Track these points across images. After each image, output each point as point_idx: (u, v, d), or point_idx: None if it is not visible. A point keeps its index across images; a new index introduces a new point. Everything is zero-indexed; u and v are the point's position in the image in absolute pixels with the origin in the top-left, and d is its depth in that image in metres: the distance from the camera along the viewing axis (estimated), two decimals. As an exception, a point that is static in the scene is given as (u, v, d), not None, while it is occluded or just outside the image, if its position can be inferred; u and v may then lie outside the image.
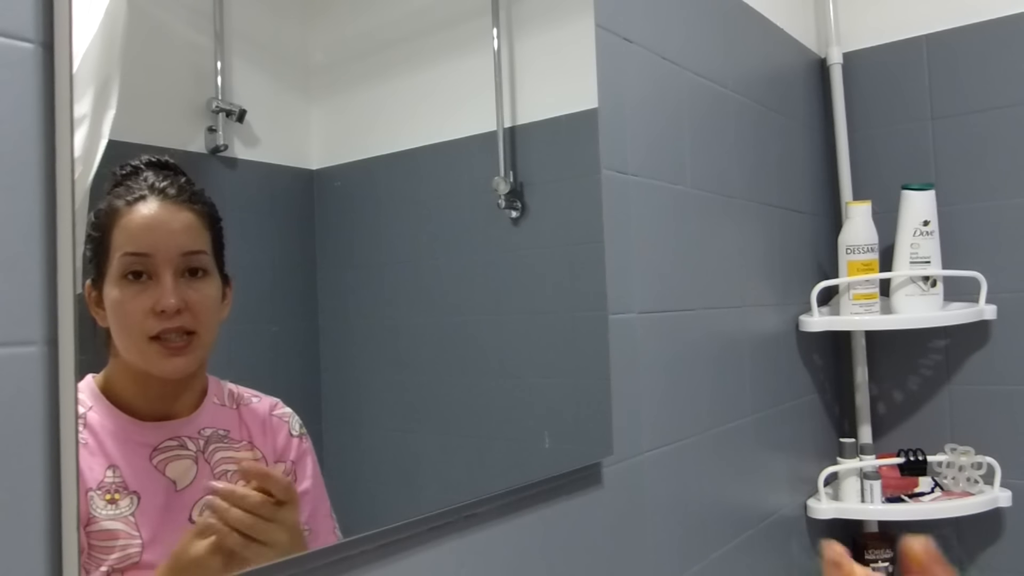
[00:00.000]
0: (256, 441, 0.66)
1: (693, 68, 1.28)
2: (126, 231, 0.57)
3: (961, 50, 1.65)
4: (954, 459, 1.58)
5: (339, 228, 0.72)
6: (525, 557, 0.89)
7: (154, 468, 0.59)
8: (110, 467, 0.57)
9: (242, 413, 0.65)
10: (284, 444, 0.67)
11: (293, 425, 0.68)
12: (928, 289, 1.53)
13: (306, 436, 0.68)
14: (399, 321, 0.77)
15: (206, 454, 0.62)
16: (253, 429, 0.66)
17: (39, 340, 0.51)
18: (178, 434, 0.61)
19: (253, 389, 0.66)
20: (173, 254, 0.59)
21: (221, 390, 0.65)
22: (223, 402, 0.65)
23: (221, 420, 0.64)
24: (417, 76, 0.80)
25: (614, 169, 1.07)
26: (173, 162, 0.60)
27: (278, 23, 0.68)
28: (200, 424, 0.62)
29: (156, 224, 0.59)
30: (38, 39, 0.53)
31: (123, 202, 0.57)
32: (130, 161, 0.58)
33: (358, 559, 0.71)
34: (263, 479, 0.60)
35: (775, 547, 1.45)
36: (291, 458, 0.68)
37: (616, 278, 1.06)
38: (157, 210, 0.59)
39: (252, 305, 0.64)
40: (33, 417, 0.51)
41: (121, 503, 0.57)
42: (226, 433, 0.64)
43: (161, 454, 0.60)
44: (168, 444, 0.60)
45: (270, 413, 0.67)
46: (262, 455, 0.66)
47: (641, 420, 1.10)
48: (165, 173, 0.59)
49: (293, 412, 0.67)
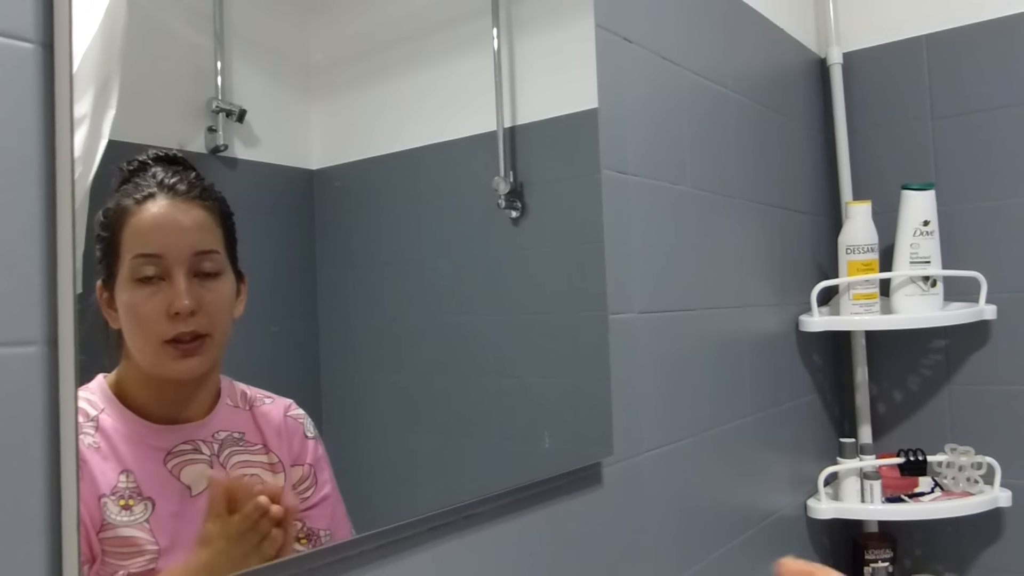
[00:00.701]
0: (271, 444, 0.64)
1: (693, 68, 1.28)
2: (136, 231, 0.56)
3: (961, 50, 1.65)
4: (954, 459, 1.58)
5: (339, 228, 0.72)
6: (525, 557, 0.89)
7: (168, 473, 0.58)
8: (123, 472, 0.56)
9: (256, 415, 0.64)
10: (300, 447, 0.66)
11: (308, 427, 0.67)
12: (928, 289, 1.53)
13: (319, 438, 0.67)
14: (399, 321, 0.77)
15: (221, 458, 0.61)
16: (268, 432, 0.64)
17: (39, 340, 0.51)
18: (192, 438, 0.60)
19: (265, 390, 0.65)
20: (186, 254, 0.57)
21: (234, 392, 0.63)
22: (236, 404, 0.63)
23: (235, 423, 0.63)
24: (417, 76, 0.80)
25: (614, 169, 1.07)
26: (182, 156, 0.59)
27: (278, 23, 0.68)
28: (214, 427, 0.61)
29: (167, 224, 0.57)
30: (38, 39, 0.53)
31: (132, 200, 0.56)
32: (137, 156, 0.57)
33: (358, 559, 0.71)
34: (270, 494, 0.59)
35: (775, 547, 1.45)
36: (308, 461, 0.67)
37: (616, 278, 1.06)
38: (167, 209, 0.57)
39: (252, 305, 0.64)
40: (33, 417, 0.51)
41: (136, 509, 0.56)
42: (241, 436, 0.62)
43: (175, 458, 0.59)
44: (182, 448, 0.59)
45: (285, 415, 0.66)
46: (278, 459, 0.64)
47: (641, 420, 1.10)
48: (175, 168, 0.58)
49: (306, 414, 0.66)
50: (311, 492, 0.67)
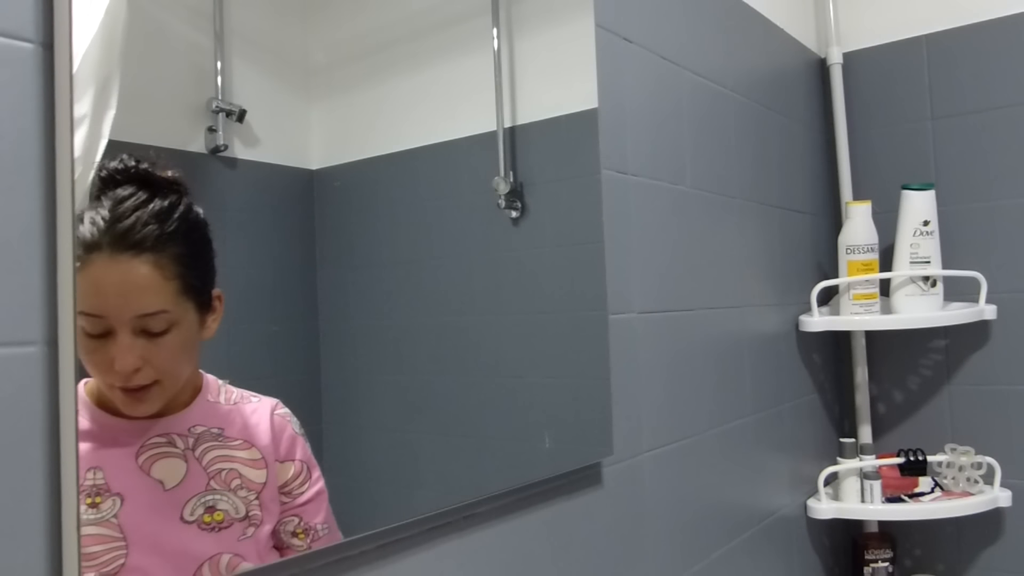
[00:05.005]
0: (255, 440, 0.64)
1: (693, 68, 1.28)
2: (81, 285, 0.53)
3: (961, 50, 1.65)
4: (954, 459, 1.58)
5: (339, 228, 0.72)
6: (525, 557, 0.89)
7: (139, 468, 0.58)
8: (91, 469, 0.56)
9: (240, 412, 0.64)
10: (290, 444, 0.67)
11: (295, 424, 0.67)
12: (928, 289, 1.53)
13: (305, 436, 0.68)
14: (399, 321, 0.77)
15: (196, 452, 0.60)
16: (252, 428, 0.64)
17: (39, 340, 0.51)
18: (166, 431, 0.59)
19: (252, 391, 0.65)
20: (127, 317, 0.55)
21: (217, 388, 0.63)
22: (218, 400, 0.63)
23: (215, 418, 0.62)
24: (417, 76, 0.80)
25: (614, 169, 1.07)
26: (145, 169, 0.56)
27: (278, 23, 0.68)
28: (191, 421, 0.61)
29: (107, 287, 0.54)
30: (38, 39, 0.53)
31: (81, 248, 0.53)
32: (109, 165, 0.54)
33: (358, 559, 0.71)
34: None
35: (775, 547, 1.45)
36: (298, 456, 0.67)
37: (616, 278, 1.06)
38: (110, 268, 0.54)
39: (252, 305, 0.64)
40: (33, 417, 0.51)
41: (103, 506, 0.56)
42: (220, 431, 0.62)
43: (147, 452, 0.58)
44: (156, 441, 0.59)
45: (272, 413, 0.66)
46: (261, 455, 0.65)
47: (641, 420, 1.10)
48: (136, 199, 0.55)
49: (291, 412, 0.67)
50: (306, 487, 0.68)
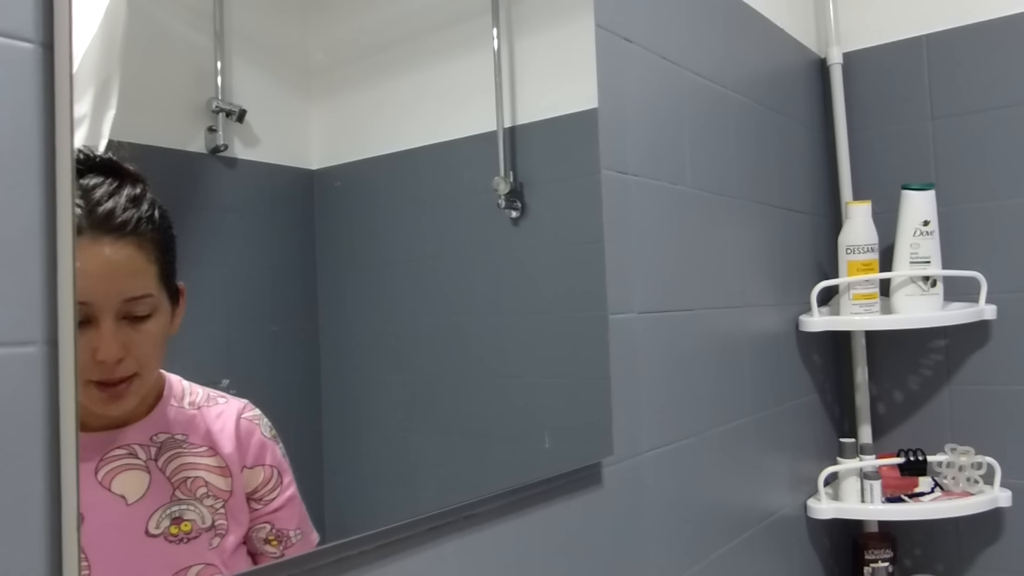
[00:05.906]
0: (221, 447, 0.61)
1: (693, 68, 1.28)
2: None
3: (961, 50, 1.65)
4: (954, 459, 1.58)
5: (339, 228, 0.72)
6: (525, 557, 0.89)
7: (99, 484, 0.55)
8: None
9: (204, 416, 0.61)
10: (259, 448, 0.64)
11: (264, 428, 0.64)
12: (928, 289, 1.53)
13: (278, 439, 0.65)
14: (399, 321, 0.77)
15: (159, 462, 0.58)
16: (216, 433, 0.61)
17: (39, 340, 0.51)
18: (127, 442, 0.57)
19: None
20: (114, 301, 0.54)
21: (181, 391, 0.61)
22: (181, 404, 0.60)
23: (178, 424, 0.59)
24: (417, 76, 0.80)
25: (614, 169, 1.07)
26: (110, 158, 0.54)
27: (278, 23, 0.68)
28: (153, 429, 0.58)
29: (93, 270, 0.53)
30: (38, 39, 0.53)
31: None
32: (82, 150, 0.53)
33: (358, 559, 0.71)
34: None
35: (775, 547, 1.45)
36: (269, 461, 0.65)
37: (616, 278, 1.06)
38: (94, 250, 0.53)
39: (252, 305, 0.64)
40: (33, 417, 0.51)
41: None
42: (184, 438, 0.59)
43: (107, 465, 0.56)
44: (116, 454, 0.56)
45: (239, 416, 0.63)
46: (225, 463, 0.62)
47: (641, 420, 1.10)
48: (109, 185, 0.54)
49: (262, 414, 0.64)
50: (276, 493, 0.65)
